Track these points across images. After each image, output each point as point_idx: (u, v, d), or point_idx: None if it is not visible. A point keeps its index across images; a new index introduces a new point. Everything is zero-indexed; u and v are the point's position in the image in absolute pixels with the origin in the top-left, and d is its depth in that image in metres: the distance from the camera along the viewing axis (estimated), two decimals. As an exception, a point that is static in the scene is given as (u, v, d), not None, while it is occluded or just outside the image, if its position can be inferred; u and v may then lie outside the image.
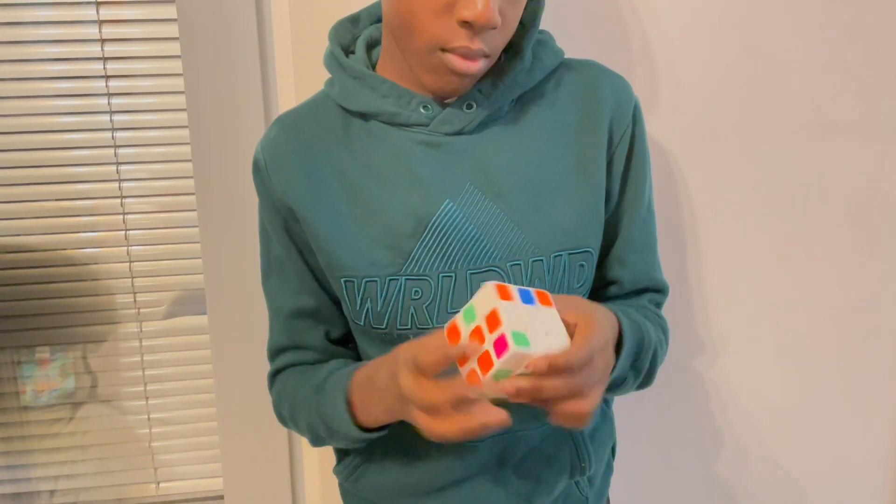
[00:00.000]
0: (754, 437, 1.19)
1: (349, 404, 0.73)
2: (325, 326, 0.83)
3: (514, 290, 0.59)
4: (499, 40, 0.68)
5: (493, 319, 0.57)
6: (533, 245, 0.73)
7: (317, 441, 0.80)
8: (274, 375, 0.85)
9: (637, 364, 0.76)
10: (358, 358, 0.86)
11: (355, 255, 0.73)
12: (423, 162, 0.73)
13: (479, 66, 0.68)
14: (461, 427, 0.58)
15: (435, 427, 0.59)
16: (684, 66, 1.03)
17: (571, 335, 0.62)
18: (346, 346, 0.86)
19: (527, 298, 0.59)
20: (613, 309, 0.74)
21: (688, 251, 1.11)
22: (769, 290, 1.13)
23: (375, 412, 0.71)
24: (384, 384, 0.67)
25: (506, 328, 0.56)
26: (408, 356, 0.61)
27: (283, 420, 0.85)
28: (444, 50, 0.67)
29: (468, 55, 0.66)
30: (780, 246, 1.11)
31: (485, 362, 0.57)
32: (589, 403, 0.61)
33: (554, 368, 0.58)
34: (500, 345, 0.56)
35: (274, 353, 0.85)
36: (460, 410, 0.58)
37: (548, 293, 0.62)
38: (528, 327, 0.57)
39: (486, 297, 0.58)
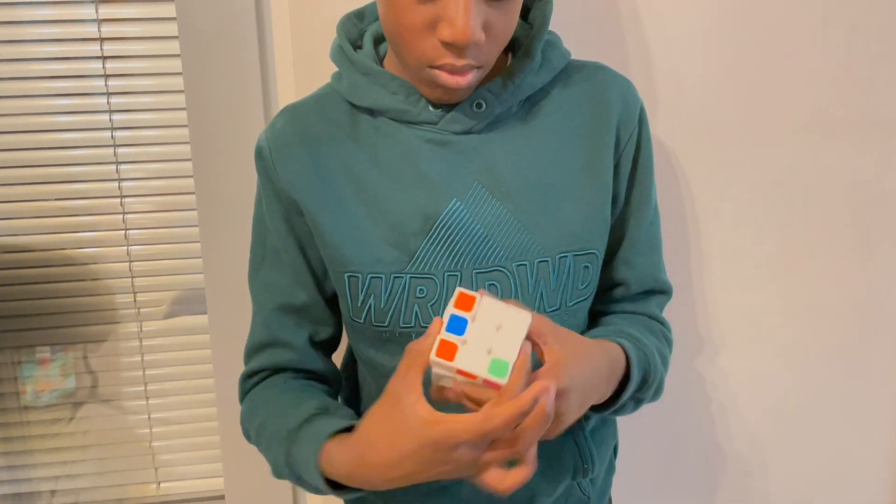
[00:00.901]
0: (756, 437, 1.19)
1: (321, 471, 0.68)
2: (310, 327, 0.81)
3: (450, 337, 0.58)
4: (489, 51, 0.68)
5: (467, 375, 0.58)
6: (539, 246, 0.73)
7: (280, 477, 0.76)
8: (246, 379, 0.83)
9: (639, 394, 0.76)
10: (338, 371, 0.85)
11: (360, 251, 0.73)
12: (430, 160, 0.73)
13: (468, 79, 0.67)
14: (529, 461, 0.58)
15: (512, 478, 0.59)
16: (685, 65, 1.03)
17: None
18: (327, 352, 0.84)
19: (460, 325, 0.59)
20: (623, 340, 0.74)
21: (690, 250, 1.10)
22: (770, 289, 1.13)
23: (380, 485, 0.66)
24: (405, 475, 0.62)
25: (480, 375, 0.57)
26: (461, 437, 0.57)
27: (248, 437, 0.81)
28: (431, 66, 0.67)
29: (455, 71, 0.66)
30: (782, 244, 1.11)
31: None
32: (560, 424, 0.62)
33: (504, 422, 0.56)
34: (494, 385, 0.57)
35: (251, 353, 0.83)
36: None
37: (464, 291, 0.60)
38: (491, 349, 0.58)
39: (442, 367, 0.59)
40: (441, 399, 0.62)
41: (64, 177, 1.18)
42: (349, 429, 0.68)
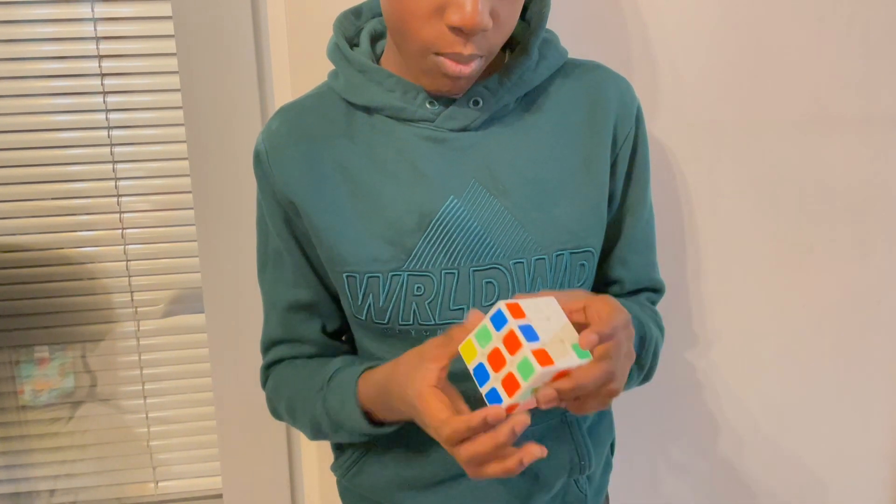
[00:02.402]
0: (753, 434, 1.19)
1: (359, 402, 0.73)
2: (321, 320, 0.83)
3: (535, 346, 0.58)
4: (494, 40, 0.68)
5: (511, 340, 0.57)
6: (536, 243, 0.73)
7: (317, 435, 0.81)
8: (268, 368, 0.85)
9: (640, 360, 0.77)
10: (354, 350, 0.86)
11: (357, 249, 0.73)
12: (427, 158, 0.73)
13: (472, 68, 0.67)
14: (503, 468, 0.58)
15: (481, 472, 0.60)
16: (683, 62, 1.03)
17: (579, 322, 0.62)
18: (341, 338, 0.86)
19: (531, 332, 0.58)
20: None
21: (686, 247, 1.11)
22: (768, 286, 1.13)
23: (393, 418, 0.72)
24: (405, 412, 0.67)
25: (574, 365, 0.57)
26: (430, 423, 0.61)
27: (277, 414, 0.85)
28: (436, 53, 0.67)
29: (460, 60, 0.66)
30: (779, 241, 1.12)
31: (510, 384, 0.57)
32: (618, 383, 0.61)
33: (589, 344, 0.57)
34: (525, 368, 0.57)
35: (268, 346, 0.85)
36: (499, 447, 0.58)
37: (509, 303, 0.60)
38: (562, 339, 0.58)
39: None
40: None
41: (61, 176, 1.17)
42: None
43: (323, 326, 0.83)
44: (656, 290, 0.87)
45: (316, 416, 0.77)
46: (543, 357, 0.56)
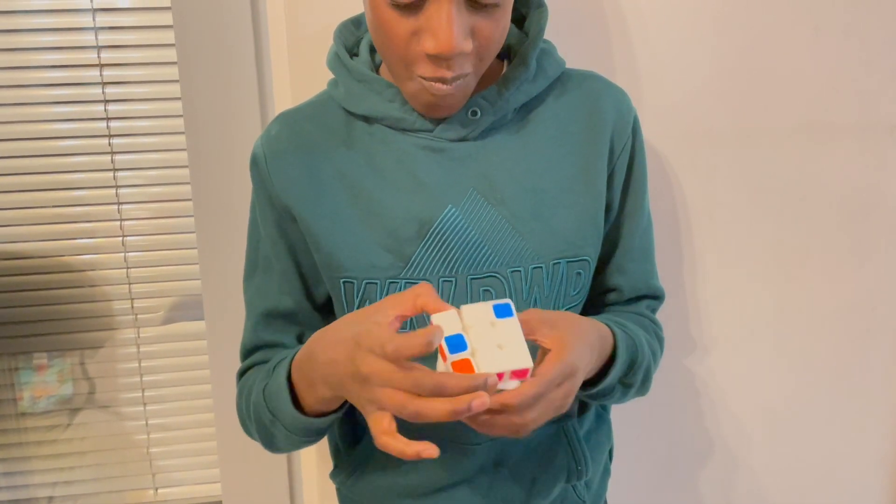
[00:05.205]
0: (752, 440, 1.20)
1: (290, 383, 0.70)
2: (299, 328, 0.81)
3: (459, 356, 0.58)
4: (479, 57, 0.68)
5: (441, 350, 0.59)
6: (533, 252, 0.74)
7: (266, 438, 0.75)
8: (241, 376, 0.83)
9: (626, 379, 0.76)
10: None
11: (356, 256, 0.74)
12: (426, 167, 0.74)
13: (459, 85, 0.67)
14: (448, 408, 0.55)
15: (414, 406, 0.56)
16: (680, 71, 1.04)
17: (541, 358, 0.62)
18: None
19: (459, 342, 0.58)
20: (610, 322, 0.75)
21: (684, 254, 1.11)
22: (765, 293, 1.13)
23: (319, 390, 0.66)
24: (330, 360, 0.62)
25: (506, 369, 0.58)
26: (374, 343, 0.57)
27: (245, 427, 0.80)
28: (421, 77, 0.67)
29: (444, 81, 0.66)
30: (776, 248, 1.12)
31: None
32: (530, 423, 0.60)
33: (505, 409, 0.58)
34: (522, 374, 0.58)
35: (246, 353, 0.83)
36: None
37: (439, 315, 0.59)
38: (500, 344, 0.58)
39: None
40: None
41: (61, 184, 1.18)
42: None
43: (300, 335, 0.81)
44: (656, 297, 0.87)
45: (259, 411, 0.73)
46: (465, 368, 0.57)
